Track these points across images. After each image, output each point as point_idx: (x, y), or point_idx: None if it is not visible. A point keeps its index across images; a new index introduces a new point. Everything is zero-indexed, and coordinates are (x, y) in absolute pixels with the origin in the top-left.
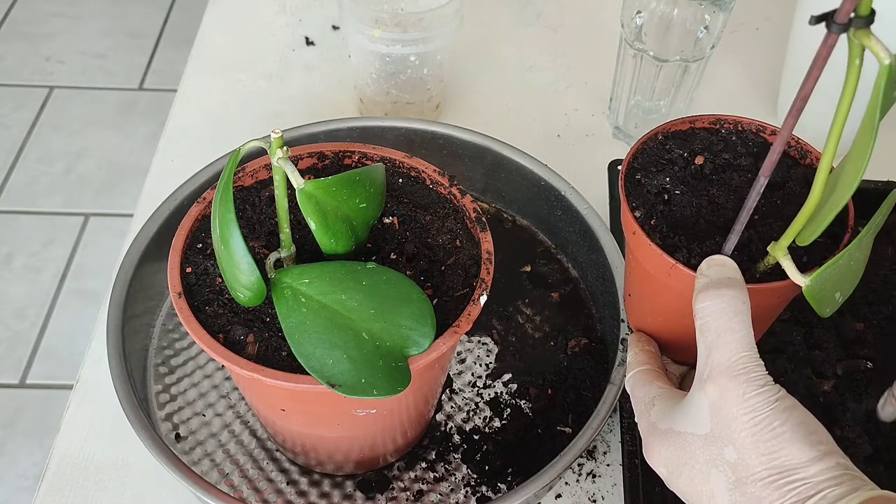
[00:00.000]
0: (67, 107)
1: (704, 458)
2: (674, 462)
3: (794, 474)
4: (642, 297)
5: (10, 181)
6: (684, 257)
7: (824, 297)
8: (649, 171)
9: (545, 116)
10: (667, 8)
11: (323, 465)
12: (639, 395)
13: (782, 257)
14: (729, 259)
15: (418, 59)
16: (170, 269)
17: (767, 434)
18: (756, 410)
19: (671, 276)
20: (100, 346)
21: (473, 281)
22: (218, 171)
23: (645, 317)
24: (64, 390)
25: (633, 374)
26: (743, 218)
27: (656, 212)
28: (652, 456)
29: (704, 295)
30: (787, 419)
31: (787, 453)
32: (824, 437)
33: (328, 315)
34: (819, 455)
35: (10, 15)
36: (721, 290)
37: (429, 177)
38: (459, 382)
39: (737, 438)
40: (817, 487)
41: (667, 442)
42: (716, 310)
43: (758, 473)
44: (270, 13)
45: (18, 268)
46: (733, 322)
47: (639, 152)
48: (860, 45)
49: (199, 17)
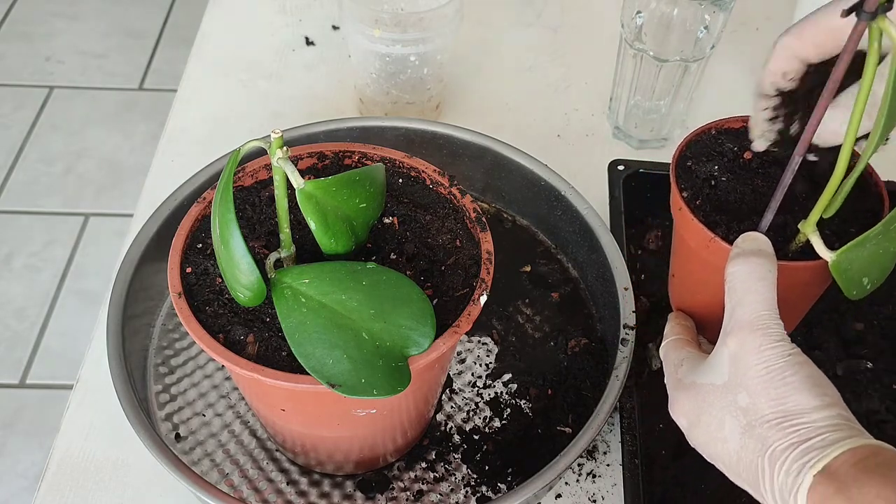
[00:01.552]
0: (67, 107)
1: (721, 405)
2: (694, 412)
3: (799, 418)
4: (683, 275)
5: (10, 181)
6: (723, 233)
7: (851, 277)
8: (700, 160)
9: (545, 116)
10: (667, 8)
11: (323, 465)
12: (670, 357)
13: (811, 233)
14: (762, 235)
15: (418, 59)
16: (170, 269)
17: (778, 382)
18: (770, 361)
19: (710, 249)
20: (100, 346)
21: (473, 281)
22: (218, 171)
23: (685, 295)
24: (64, 390)
25: (667, 341)
26: (778, 195)
27: (702, 194)
28: (675, 408)
29: (734, 261)
30: (798, 371)
31: (794, 400)
32: (831, 391)
33: (328, 315)
34: (823, 404)
35: (10, 15)
36: (750, 257)
37: (429, 177)
38: (459, 382)
39: (750, 385)
40: (818, 431)
41: (689, 394)
42: (743, 273)
43: (766, 416)
44: (270, 13)
45: (18, 268)
46: (758, 285)
47: (692, 143)
48: (878, 29)
49: (199, 17)
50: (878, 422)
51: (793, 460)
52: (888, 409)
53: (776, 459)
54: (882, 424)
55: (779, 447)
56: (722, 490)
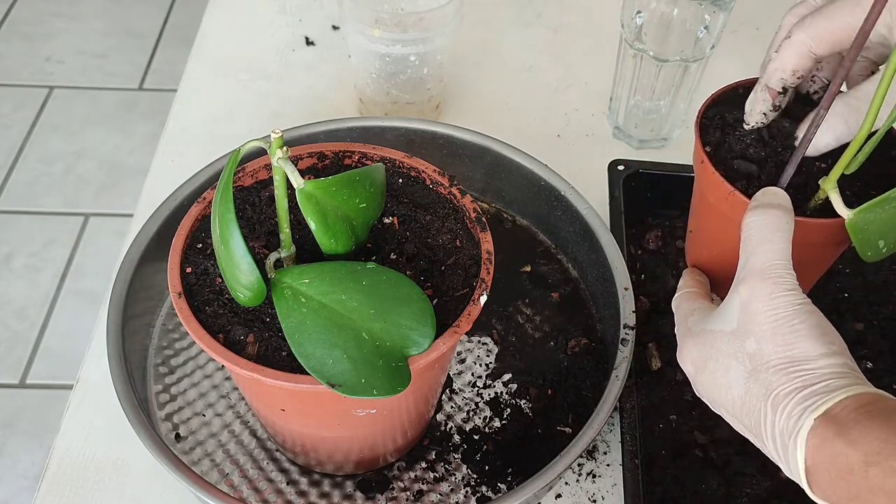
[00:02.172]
0: (67, 107)
1: (728, 351)
2: (701, 358)
3: (804, 364)
4: (701, 230)
5: (10, 181)
6: (743, 187)
7: (867, 238)
8: (725, 116)
9: (545, 116)
10: (667, 8)
11: (323, 465)
12: (682, 308)
13: (831, 190)
14: (781, 190)
15: (418, 59)
16: (170, 269)
17: (786, 328)
18: (779, 308)
19: (729, 203)
20: (100, 346)
21: (473, 281)
22: (218, 171)
23: (702, 250)
24: (64, 390)
25: (680, 293)
26: (800, 150)
27: (724, 148)
28: (683, 355)
29: (751, 212)
30: (806, 320)
31: (800, 347)
32: (838, 341)
33: (328, 315)
34: (829, 352)
35: (10, 15)
36: (768, 209)
37: (429, 177)
38: (459, 382)
39: (758, 331)
40: (822, 377)
41: (697, 341)
42: (759, 223)
43: (771, 361)
44: (270, 13)
45: (18, 268)
46: (774, 235)
47: (718, 99)
48: None
49: (199, 17)
50: None
51: (795, 404)
52: None
53: (779, 403)
54: None
55: (782, 391)
56: (722, 490)
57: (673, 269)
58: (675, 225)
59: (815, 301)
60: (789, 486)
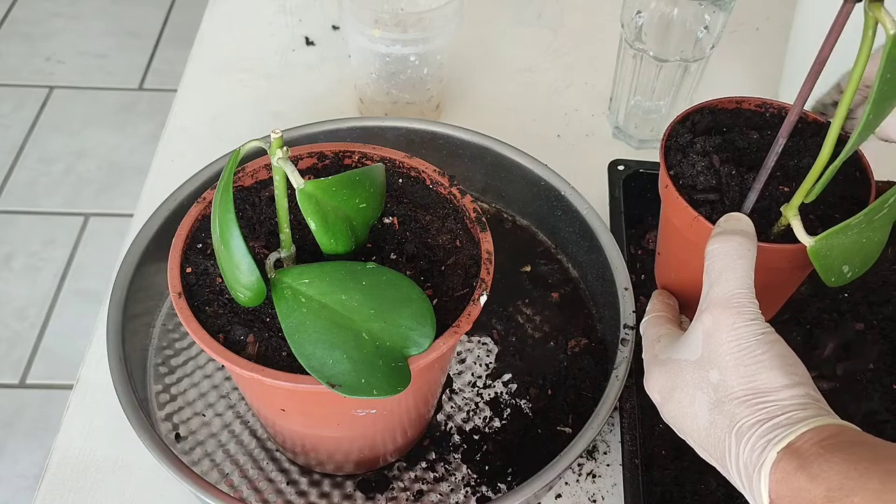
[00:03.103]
0: (67, 107)
1: (693, 381)
2: (667, 388)
3: (767, 396)
4: (668, 254)
5: (10, 181)
6: (707, 213)
7: (830, 263)
8: (690, 139)
9: (545, 116)
10: (667, 8)
11: (323, 465)
12: (649, 333)
13: (792, 217)
14: (744, 216)
15: (418, 59)
16: (170, 269)
17: (749, 359)
18: (742, 339)
19: (693, 228)
20: (100, 346)
21: (473, 281)
22: (218, 171)
23: (670, 273)
24: (64, 390)
25: (648, 318)
26: (762, 177)
27: (689, 173)
28: (650, 383)
29: (714, 239)
30: (769, 350)
31: (763, 378)
32: (800, 371)
33: (328, 315)
34: (792, 383)
35: (10, 15)
36: (730, 235)
37: (429, 177)
38: (459, 382)
39: (721, 362)
40: (784, 409)
41: (664, 370)
42: (722, 251)
43: (735, 393)
44: (270, 13)
45: (18, 268)
46: (736, 263)
47: (683, 120)
48: (873, 17)
49: (199, 17)
50: (879, 422)
51: (758, 437)
52: (888, 409)
53: (742, 435)
54: (882, 425)
55: (745, 423)
56: (722, 490)
57: None
58: None
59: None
60: None
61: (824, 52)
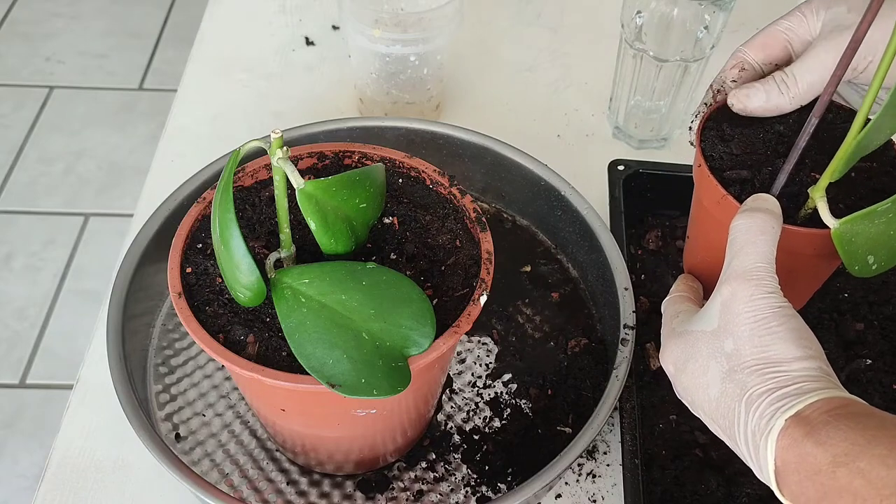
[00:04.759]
0: (67, 107)
1: (707, 351)
2: (682, 358)
3: (779, 366)
4: (696, 235)
5: (10, 181)
6: (736, 192)
7: (855, 251)
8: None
9: (545, 116)
10: (667, 8)
11: (323, 465)
12: (668, 310)
13: (819, 198)
14: (772, 196)
15: (418, 59)
16: (170, 269)
17: (763, 330)
18: (759, 310)
19: (721, 206)
20: (100, 346)
21: (473, 281)
22: (218, 171)
23: (697, 254)
24: (64, 390)
25: (670, 297)
26: (792, 157)
27: (723, 154)
28: (665, 355)
29: (739, 216)
30: (784, 323)
31: (776, 349)
32: (814, 346)
33: (328, 315)
34: (805, 356)
35: (10, 15)
36: (754, 212)
37: (429, 177)
38: (459, 382)
39: (736, 331)
40: (795, 379)
41: (680, 341)
42: (745, 226)
43: (747, 362)
44: (270, 13)
45: (18, 268)
46: (758, 238)
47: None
48: None
49: (199, 17)
50: None
51: (767, 404)
52: (888, 408)
53: (752, 403)
54: None
55: (756, 391)
56: (722, 490)
57: (673, 269)
58: (675, 225)
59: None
60: None
61: (860, 33)
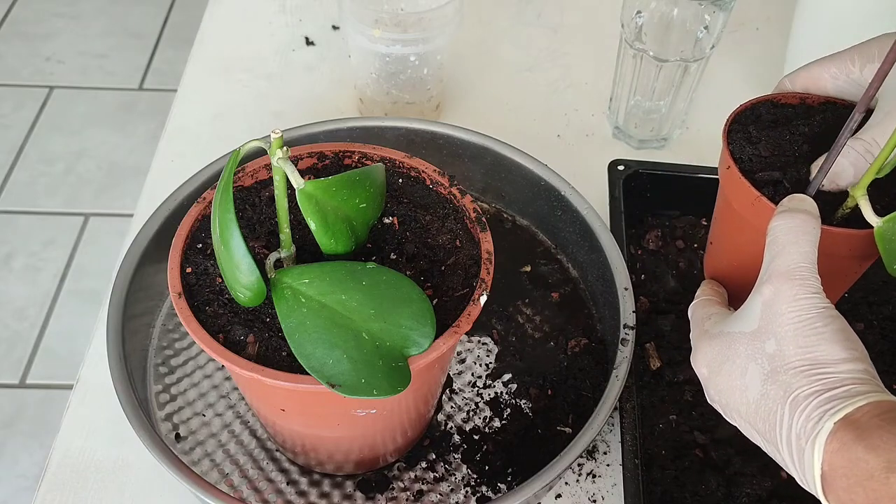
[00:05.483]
0: (67, 107)
1: (746, 353)
2: (717, 360)
3: (825, 368)
4: (723, 239)
5: (10, 181)
6: (769, 193)
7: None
8: (754, 125)
9: (545, 116)
10: (667, 8)
11: (323, 465)
12: (698, 314)
13: (860, 196)
14: (809, 197)
15: (418, 59)
16: (170, 269)
17: (809, 331)
18: (803, 310)
19: (754, 209)
20: (100, 346)
21: (473, 281)
22: (218, 171)
23: (721, 260)
24: (64, 390)
25: (697, 301)
26: (832, 156)
27: (752, 155)
28: (697, 358)
29: (778, 216)
30: (830, 324)
31: (822, 350)
32: (860, 348)
33: (328, 315)
34: (851, 357)
35: (10, 15)
36: (794, 213)
37: (429, 177)
38: (459, 382)
39: (780, 332)
40: (843, 382)
41: (714, 343)
42: (785, 227)
43: (792, 363)
44: (270, 13)
45: (18, 268)
46: (800, 238)
47: (748, 108)
48: None
49: (199, 17)
50: None
51: (814, 407)
52: None
53: (797, 405)
54: None
55: (801, 393)
56: (722, 490)
57: (673, 269)
58: (674, 225)
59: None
60: (789, 486)
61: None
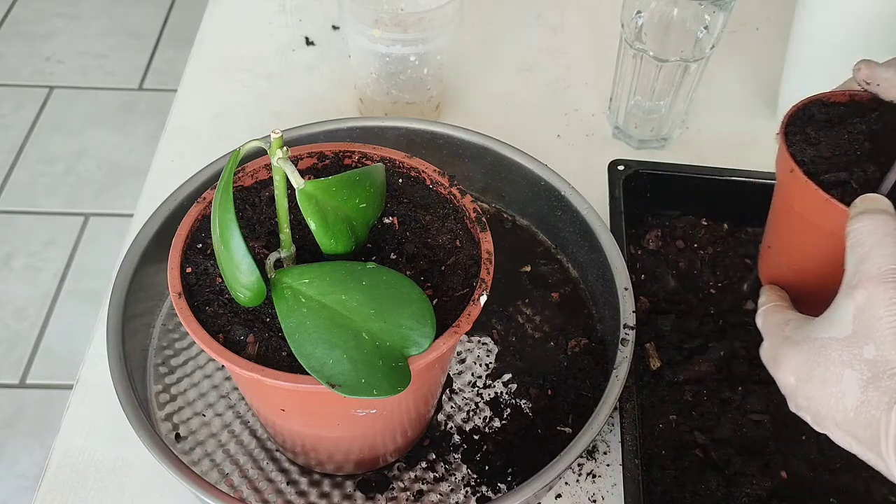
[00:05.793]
0: (67, 107)
1: (841, 359)
2: (805, 368)
3: None
4: (783, 243)
5: (10, 181)
6: (839, 195)
7: None
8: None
9: (545, 116)
10: (667, 8)
11: (323, 465)
12: (772, 320)
13: None
14: (883, 197)
15: (418, 59)
16: (170, 269)
17: None
18: None
19: (823, 212)
20: (100, 346)
21: (473, 281)
22: (218, 171)
23: (782, 265)
24: (64, 390)
25: (765, 308)
26: None
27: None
28: (782, 366)
29: (858, 218)
30: None
31: None
32: None
33: (328, 315)
34: None
35: (10, 15)
36: (875, 213)
37: (429, 177)
38: (459, 382)
39: (879, 337)
40: None
41: (801, 350)
42: (869, 228)
43: None
44: (270, 13)
45: (18, 268)
46: (885, 239)
47: (802, 109)
48: None
49: (199, 17)
50: None
51: None
52: None
53: None
54: None
55: None
56: (722, 490)
57: (673, 269)
58: (675, 225)
59: None
60: (789, 486)
61: None
